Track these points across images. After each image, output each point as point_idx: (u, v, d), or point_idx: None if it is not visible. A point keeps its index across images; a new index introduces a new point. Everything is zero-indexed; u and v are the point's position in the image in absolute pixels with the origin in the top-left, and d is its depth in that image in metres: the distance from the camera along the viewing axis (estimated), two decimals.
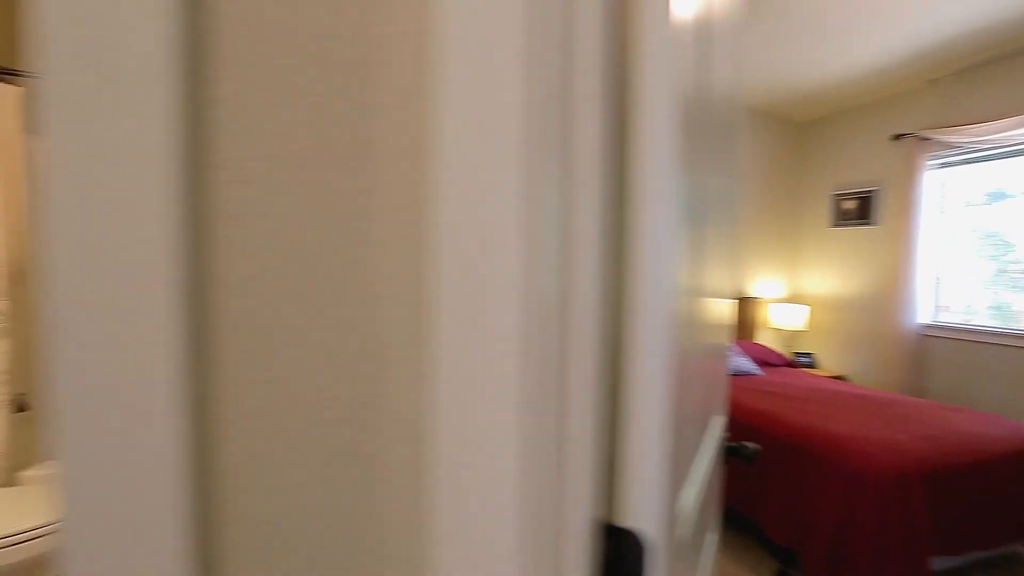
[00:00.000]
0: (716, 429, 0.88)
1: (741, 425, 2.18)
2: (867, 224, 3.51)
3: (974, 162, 2.98)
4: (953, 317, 3.10)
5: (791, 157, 3.99)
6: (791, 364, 3.45)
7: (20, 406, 1.80)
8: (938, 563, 1.80)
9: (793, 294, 4.06)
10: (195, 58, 0.26)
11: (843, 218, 3.68)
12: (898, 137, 3.25)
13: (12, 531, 1.27)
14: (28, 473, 1.65)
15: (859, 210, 3.56)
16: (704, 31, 0.52)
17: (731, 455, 0.96)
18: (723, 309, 0.91)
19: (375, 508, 0.31)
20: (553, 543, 0.29)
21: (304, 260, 0.30)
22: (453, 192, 0.30)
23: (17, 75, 1.65)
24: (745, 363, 3.03)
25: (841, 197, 3.69)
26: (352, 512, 0.30)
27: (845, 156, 3.67)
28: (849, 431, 1.86)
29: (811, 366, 3.71)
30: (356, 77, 0.30)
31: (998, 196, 2.90)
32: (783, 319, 3.74)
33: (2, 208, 1.56)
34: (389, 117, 0.30)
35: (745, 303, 3.70)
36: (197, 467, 0.27)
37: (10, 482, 1.63)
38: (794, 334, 3.92)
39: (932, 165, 3.14)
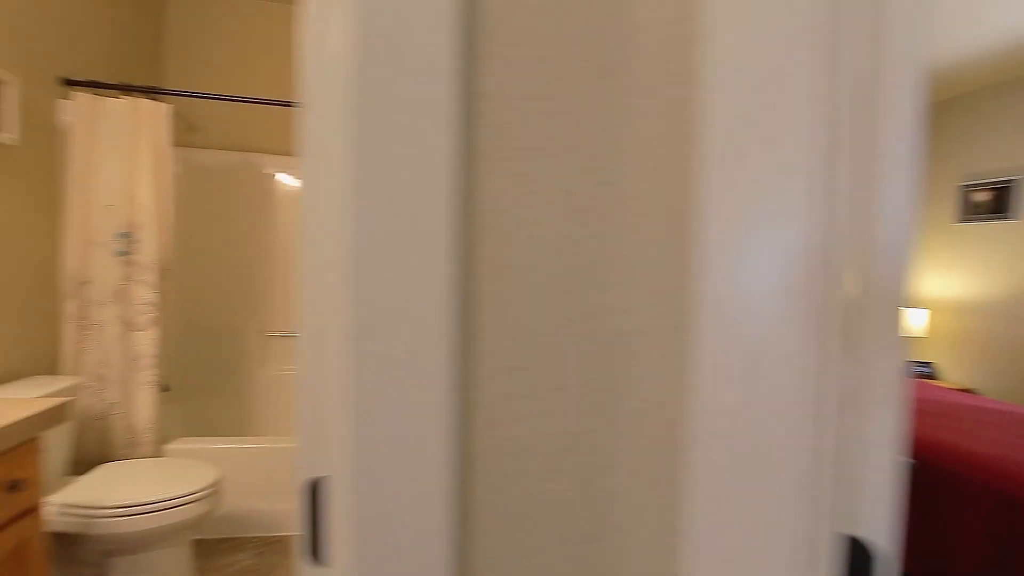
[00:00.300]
0: None
1: None
2: (1005, 218, 3.09)
3: None
4: None
5: None
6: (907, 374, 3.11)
7: (163, 387, 2.02)
8: None
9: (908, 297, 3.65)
10: (467, 52, 0.26)
11: (973, 212, 3.26)
12: None
13: (159, 498, 1.42)
14: (170, 446, 1.86)
15: (994, 203, 3.14)
16: None
17: None
18: None
19: (615, 498, 0.30)
20: (811, 552, 0.27)
21: (553, 249, 0.30)
22: (720, 193, 0.28)
23: (165, 94, 1.85)
24: None
25: (971, 188, 3.27)
26: (591, 499, 0.30)
27: (978, 142, 3.25)
28: (999, 451, 1.63)
29: (931, 376, 3.32)
30: (609, 68, 0.29)
31: None
32: None
33: (155, 211, 1.76)
34: (639, 109, 0.29)
35: None
36: (460, 446, 0.28)
37: (157, 453, 1.84)
38: (909, 341, 3.53)
39: None
